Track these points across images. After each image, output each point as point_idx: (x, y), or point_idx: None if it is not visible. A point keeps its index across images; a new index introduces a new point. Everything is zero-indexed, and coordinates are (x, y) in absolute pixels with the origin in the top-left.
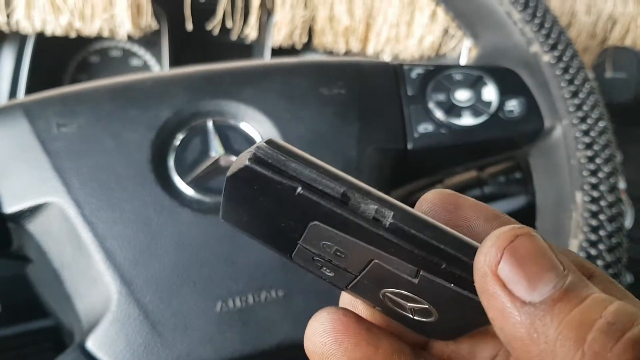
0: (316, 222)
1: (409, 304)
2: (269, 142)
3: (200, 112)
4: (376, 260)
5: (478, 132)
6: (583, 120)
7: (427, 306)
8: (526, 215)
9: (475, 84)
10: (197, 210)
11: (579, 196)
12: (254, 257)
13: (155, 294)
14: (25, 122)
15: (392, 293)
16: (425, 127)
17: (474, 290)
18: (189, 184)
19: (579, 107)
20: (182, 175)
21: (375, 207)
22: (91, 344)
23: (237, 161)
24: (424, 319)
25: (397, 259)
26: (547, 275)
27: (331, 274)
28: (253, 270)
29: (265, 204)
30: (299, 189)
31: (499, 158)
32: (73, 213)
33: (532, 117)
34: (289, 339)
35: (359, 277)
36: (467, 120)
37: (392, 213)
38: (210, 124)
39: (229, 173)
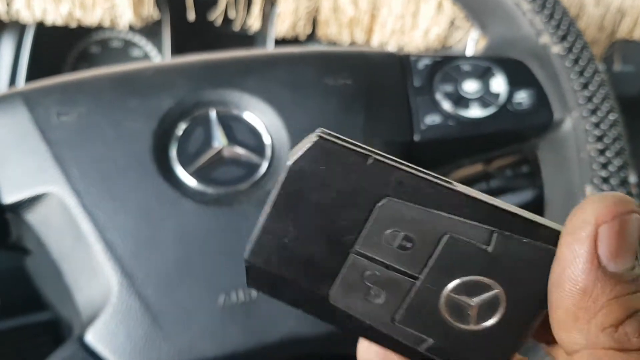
0: (387, 199)
1: (474, 301)
2: (323, 132)
3: (203, 101)
4: (449, 234)
5: (486, 124)
6: (593, 112)
7: (496, 291)
8: (533, 210)
9: (483, 75)
10: (200, 202)
11: (589, 190)
12: None
13: (156, 286)
14: (24, 111)
15: (457, 290)
16: (432, 119)
17: (547, 242)
18: (191, 174)
19: (589, 99)
20: (185, 166)
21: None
22: (90, 337)
23: (298, 147)
24: (489, 323)
25: (472, 221)
26: (629, 258)
27: (380, 300)
28: None
29: (328, 191)
30: (371, 160)
31: (506, 151)
32: (73, 203)
33: (542, 109)
34: (293, 333)
35: (421, 279)
36: (475, 111)
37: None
38: (213, 113)
39: (294, 157)
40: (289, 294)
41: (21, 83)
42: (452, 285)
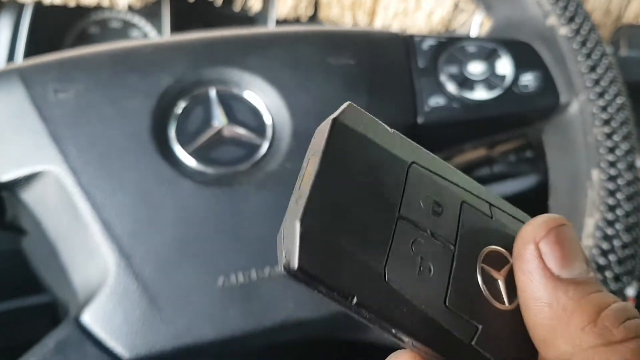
0: (414, 165)
1: (501, 273)
2: (350, 103)
3: (203, 80)
4: (465, 203)
5: (491, 106)
6: (601, 95)
7: (511, 262)
8: (537, 195)
9: (489, 57)
10: (199, 182)
11: (595, 174)
12: (257, 232)
13: (154, 267)
14: (21, 88)
15: (486, 261)
16: (436, 101)
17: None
18: (190, 154)
19: (596, 82)
20: (184, 145)
21: None
22: (87, 318)
23: (325, 124)
24: (516, 302)
25: (475, 194)
26: (578, 263)
27: (431, 273)
28: (257, 245)
29: (367, 151)
30: (392, 130)
31: (511, 135)
32: (69, 182)
33: (548, 92)
34: (293, 316)
35: (457, 247)
36: (480, 94)
37: None
38: (212, 92)
39: (332, 116)
40: (344, 273)
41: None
42: (482, 255)
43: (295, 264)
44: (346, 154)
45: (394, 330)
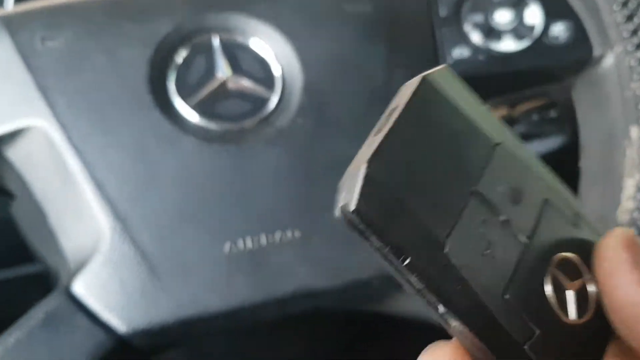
0: (502, 145)
1: (574, 285)
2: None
3: (205, 26)
4: (549, 202)
5: (520, 59)
6: (639, 47)
7: (587, 276)
8: (563, 156)
9: (517, 5)
10: (202, 139)
11: (634, 131)
12: (267, 193)
13: (154, 232)
14: (5, 35)
15: (559, 266)
16: (460, 52)
17: None
18: (192, 108)
19: (634, 33)
20: (185, 98)
21: None
22: (78, 287)
23: (414, 80)
24: (585, 318)
25: (566, 196)
26: None
27: (495, 258)
28: (266, 208)
29: (455, 117)
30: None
31: (539, 91)
32: (59, 138)
33: (580, 44)
34: (306, 285)
35: (530, 241)
36: (507, 44)
37: None
38: (215, 40)
39: (421, 77)
40: (402, 229)
41: None
42: (556, 259)
43: (353, 205)
44: (429, 114)
45: (441, 309)
